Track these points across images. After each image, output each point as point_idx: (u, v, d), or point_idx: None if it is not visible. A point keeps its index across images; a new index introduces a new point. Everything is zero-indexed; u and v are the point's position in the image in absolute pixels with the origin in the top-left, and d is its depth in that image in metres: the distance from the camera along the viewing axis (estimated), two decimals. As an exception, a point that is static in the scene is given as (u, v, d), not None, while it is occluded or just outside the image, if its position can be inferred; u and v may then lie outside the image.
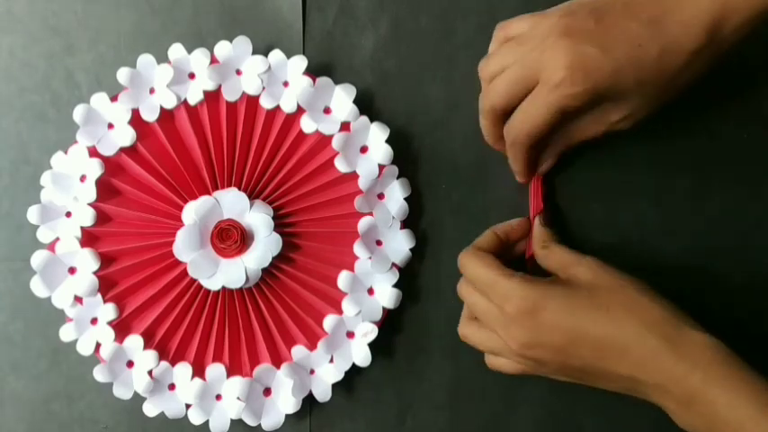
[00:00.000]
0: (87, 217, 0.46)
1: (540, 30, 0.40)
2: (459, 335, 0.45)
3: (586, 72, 0.38)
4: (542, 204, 0.47)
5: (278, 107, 0.48)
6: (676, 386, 0.37)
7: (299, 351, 0.47)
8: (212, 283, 0.46)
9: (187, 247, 0.45)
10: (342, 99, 0.48)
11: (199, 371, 0.47)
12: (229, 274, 0.46)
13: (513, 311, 0.40)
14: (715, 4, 0.37)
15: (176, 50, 0.47)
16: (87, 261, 0.46)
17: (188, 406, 0.47)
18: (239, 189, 0.47)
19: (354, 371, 0.47)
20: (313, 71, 0.48)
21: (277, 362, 0.47)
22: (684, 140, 0.49)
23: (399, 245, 0.48)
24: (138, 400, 0.46)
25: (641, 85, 0.39)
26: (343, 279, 0.47)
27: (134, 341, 0.47)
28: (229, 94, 0.47)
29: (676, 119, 0.48)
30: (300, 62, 0.48)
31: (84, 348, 0.46)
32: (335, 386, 0.47)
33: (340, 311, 0.47)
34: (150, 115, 0.47)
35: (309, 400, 0.47)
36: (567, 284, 0.41)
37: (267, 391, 0.47)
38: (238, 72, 0.48)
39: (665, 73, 0.39)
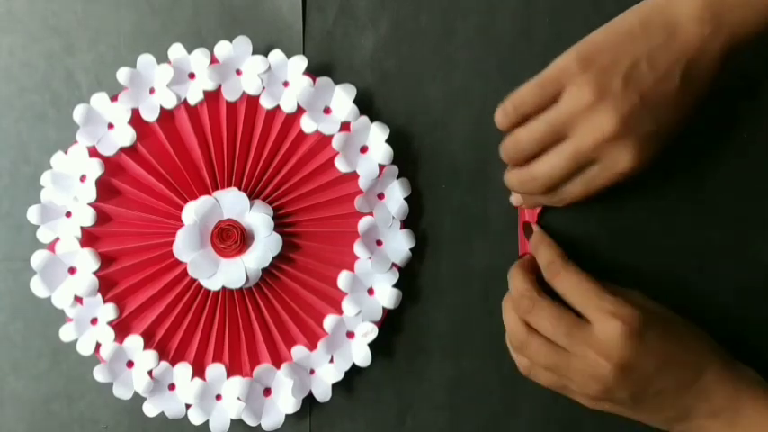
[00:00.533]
0: (87, 217, 0.46)
1: (577, 110, 0.40)
2: (516, 342, 0.43)
3: (650, 153, 0.40)
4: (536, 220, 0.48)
5: (278, 107, 0.48)
6: (730, 407, 0.40)
7: (298, 351, 0.47)
8: (212, 283, 0.46)
9: (187, 247, 0.45)
10: (342, 99, 0.48)
11: (199, 371, 0.47)
12: (229, 274, 0.46)
13: (621, 329, 0.39)
14: (725, 48, 0.39)
15: (176, 50, 0.47)
16: (87, 261, 0.46)
17: (188, 406, 0.47)
18: (239, 189, 0.47)
19: (354, 371, 0.47)
20: (313, 71, 0.48)
21: (277, 362, 0.47)
22: (683, 139, 0.49)
23: (399, 245, 0.48)
24: (138, 400, 0.46)
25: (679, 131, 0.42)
26: (343, 279, 0.47)
27: (134, 341, 0.47)
28: (229, 94, 0.47)
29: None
30: (300, 62, 0.48)
31: (84, 348, 0.46)
32: (335, 386, 0.47)
33: (340, 311, 0.47)
34: (150, 115, 0.47)
35: (309, 400, 0.47)
36: (654, 311, 0.42)
37: (267, 391, 0.47)
38: (238, 72, 0.48)
39: (695, 114, 0.41)
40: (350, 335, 0.47)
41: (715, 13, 0.38)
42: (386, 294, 0.47)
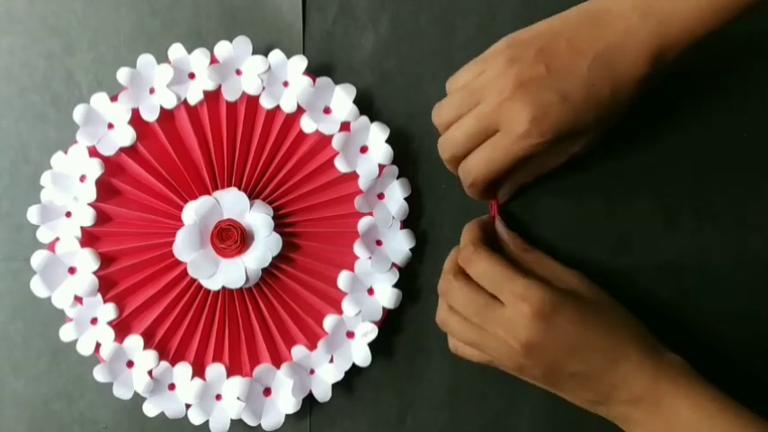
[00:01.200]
0: (87, 217, 0.46)
1: (489, 78, 0.41)
2: (439, 321, 0.45)
3: (550, 122, 0.39)
4: (497, 210, 0.48)
5: (278, 107, 0.48)
6: (649, 396, 0.40)
7: (299, 351, 0.47)
8: (212, 283, 0.46)
9: (187, 247, 0.45)
10: (342, 99, 0.48)
11: (199, 371, 0.47)
12: (229, 274, 0.46)
13: (528, 311, 0.40)
14: (654, 38, 0.38)
15: (176, 50, 0.47)
16: (87, 261, 0.46)
17: (188, 406, 0.47)
18: (239, 189, 0.47)
19: (354, 371, 0.47)
20: (313, 71, 0.48)
21: (277, 362, 0.47)
22: (683, 139, 0.49)
23: (399, 245, 0.48)
24: (138, 400, 0.46)
25: (599, 120, 0.40)
26: (343, 279, 0.47)
27: (134, 341, 0.47)
28: (229, 94, 0.47)
29: (675, 118, 0.48)
30: (300, 62, 0.48)
31: (84, 348, 0.46)
32: (335, 386, 0.47)
33: (340, 311, 0.47)
34: (150, 115, 0.47)
35: (309, 400, 0.47)
36: (575, 295, 0.43)
37: (267, 391, 0.47)
38: (238, 72, 0.48)
39: (618, 105, 0.40)
40: (350, 335, 0.47)
41: (646, 2, 0.39)
42: (386, 294, 0.47)
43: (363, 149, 0.48)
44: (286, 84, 0.48)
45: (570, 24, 0.40)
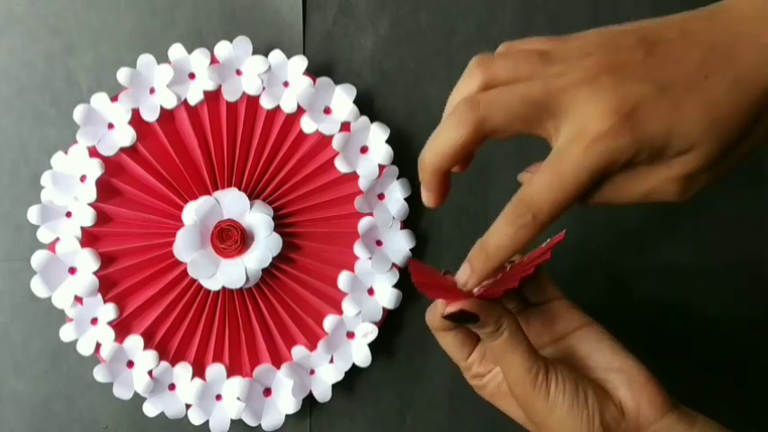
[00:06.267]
0: (87, 217, 0.46)
1: (573, 48, 0.30)
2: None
3: (638, 118, 0.29)
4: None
5: (278, 107, 0.48)
6: None
7: (299, 351, 0.47)
8: (212, 284, 0.46)
9: (187, 248, 0.45)
10: (342, 99, 0.48)
11: (199, 371, 0.47)
12: (229, 274, 0.46)
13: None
14: None
15: (176, 50, 0.47)
16: (87, 261, 0.46)
17: (188, 406, 0.47)
18: (239, 189, 0.47)
19: (354, 371, 0.47)
20: (313, 71, 0.48)
21: (277, 362, 0.47)
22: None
23: (399, 245, 0.48)
24: (138, 400, 0.46)
25: (713, 127, 0.29)
26: (343, 279, 0.47)
27: (134, 341, 0.47)
28: (229, 95, 0.47)
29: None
30: (300, 62, 0.48)
31: (85, 348, 0.46)
32: (335, 386, 0.47)
33: (340, 312, 0.47)
34: (150, 115, 0.47)
35: (309, 401, 0.47)
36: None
37: (267, 392, 0.47)
38: (238, 72, 0.48)
39: (742, 109, 0.29)
40: (350, 335, 0.48)
41: None
42: (386, 294, 0.47)
43: (363, 150, 0.48)
44: (286, 84, 0.48)
45: (684, 17, 0.31)
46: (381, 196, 0.48)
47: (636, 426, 0.32)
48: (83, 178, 0.47)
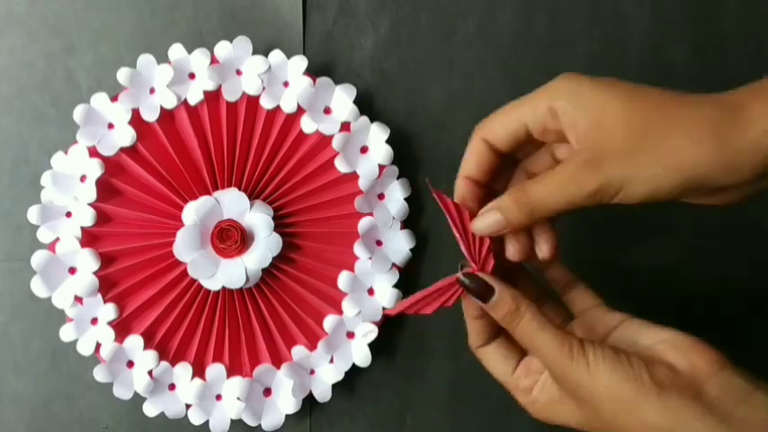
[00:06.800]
0: (87, 217, 0.46)
1: None
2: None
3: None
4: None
5: (278, 107, 0.48)
6: None
7: (299, 351, 0.47)
8: (212, 284, 0.46)
9: (187, 248, 0.45)
10: (342, 99, 0.48)
11: (199, 371, 0.47)
12: (229, 274, 0.46)
13: None
14: None
15: (176, 50, 0.47)
16: (87, 261, 0.46)
17: (188, 406, 0.47)
18: (239, 189, 0.47)
19: (354, 371, 0.47)
20: (313, 71, 0.48)
21: (277, 362, 0.47)
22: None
23: (399, 245, 0.48)
24: (138, 400, 0.46)
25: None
26: (343, 279, 0.47)
27: (134, 341, 0.47)
28: (229, 95, 0.47)
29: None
30: (300, 62, 0.47)
31: (85, 348, 0.46)
32: (335, 386, 0.47)
33: (340, 311, 0.47)
34: (150, 115, 0.47)
35: (309, 401, 0.47)
36: None
37: (267, 392, 0.47)
38: (238, 72, 0.48)
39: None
40: (350, 335, 0.48)
41: None
42: (386, 294, 0.47)
43: (363, 150, 0.48)
44: (286, 84, 0.48)
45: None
46: (381, 196, 0.48)
47: (692, 381, 0.31)
48: (83, 178, 0.47)
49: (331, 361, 0.47)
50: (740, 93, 0.32)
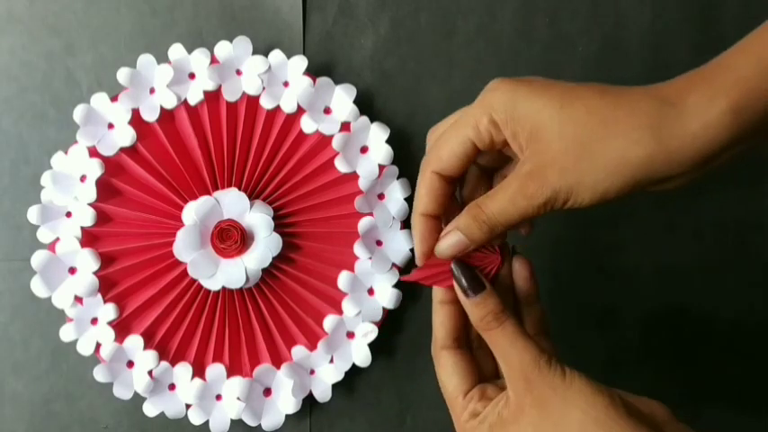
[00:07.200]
0: (87, 217, 0.46)
1: None
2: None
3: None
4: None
5: (278, 107, 0.48)
6: None
7: (299, 351, 0.47)
8: (212, 284, 0.46)
9: (187, 248, 0.45)
10: (342, 99, 0.48)
11: (199, 371, 0.47)
12: (229, 274, 0.46)
13: None
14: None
15: (176, 50, 0.47)
16: (87, 261, 0.46)
17: (188, 406, 0.47)
18: (239, 189, 0.47)
19: (354, 371, 0.47)
20: (313, 71, 0.48)
21: (277, 362, 0.47)
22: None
23: (399, 245, 0.48)
24: (138, 400, 0.46)
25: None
26: (343, 279, 0.47)
27: (134, 341, 0.47)
28: (229, 95, 0.47)
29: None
30: (300, 62, 0.47)
31: (85, 348, 0.46)
32: (335, 386, 0.47)
33: (340, 312, 0.47)
34: (150, 115, 0.47)
35: (309, 401, 0.47)
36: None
37: (267, 392, 0.47)
38: (238, 72, 0.48)
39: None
40: (350, 335, 0.48)
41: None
42: (386, 294, 0.47)
43: (363, 150, 0.48)
44: (286, 84, 0.48)
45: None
46: (381, 196, 0.48)
47: (653, 421, 0.32)
48: (83, 178, 0.47)
49: (331, 361, 0.47)
50: (677, 83, 0.32)
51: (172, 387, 0.47)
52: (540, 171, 0.32)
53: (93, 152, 0.47)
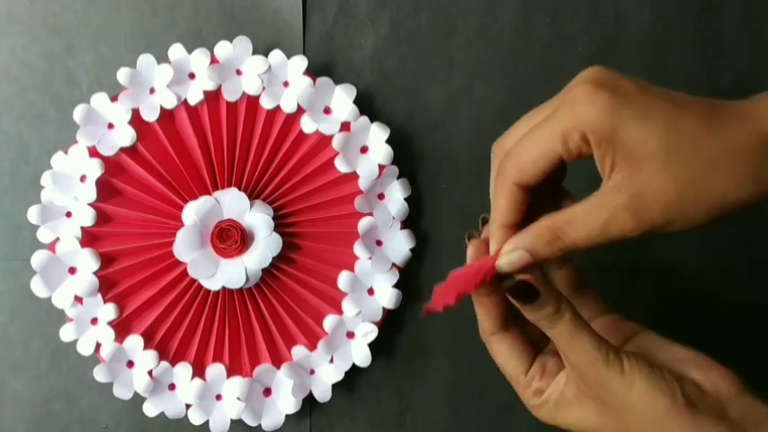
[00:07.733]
0: (87, 217, 0.46)
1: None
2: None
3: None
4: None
5: (278, 107, 0.48)
6: None
7: (299, 351, 0.47)
8: (212, 284, 0.46)
9: (187, 248, 0.45)
10: (342, 99, 0.48)
11: (199, 371, 0.47)
12: (229, 274, 0.46)
13: None
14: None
15: (176, 50, 0.47)
16: (87, 261, 0.46)
17: (188, 406, 0.47)
18: (239, 189, 0.47)
19: (354, 371, 0.47)
20: (313, 71, 0.48)
21: (277, 362, 0.47)
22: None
23: (399, 245, 0.48)
24: (138, 400, 0.46)
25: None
26: (343, 279, 0.47)
27: (134, 341, 0.47)
28: (229, 95, 0.47)
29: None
30: (300, 62, 0.47)
31: (85, 348, 0.46)
32: (335, 386, 0.47)
33: (340, 311, 0.47)
34: (150, 115, 0.47)
35: (309, 401, 0.47)
36: None
37: (267, 392, 0.47)
38: (238, 72, 0.48)
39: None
40: (350, 335, 0.48)
41: None
42: (386, 294, 0.47)
43: (363, 150, 0.48)
44: (286, 84, 0.48)
45: None
46: (381, 196, 0.48)
47: (717, 402, 0.31)
48: (83, 178, 0.47)
49: (331, 361, 0.47)
50: None
51: (172, 387, 0.47)
52: (641, 205, 0.31)
53: (93, 152, 0.47)
